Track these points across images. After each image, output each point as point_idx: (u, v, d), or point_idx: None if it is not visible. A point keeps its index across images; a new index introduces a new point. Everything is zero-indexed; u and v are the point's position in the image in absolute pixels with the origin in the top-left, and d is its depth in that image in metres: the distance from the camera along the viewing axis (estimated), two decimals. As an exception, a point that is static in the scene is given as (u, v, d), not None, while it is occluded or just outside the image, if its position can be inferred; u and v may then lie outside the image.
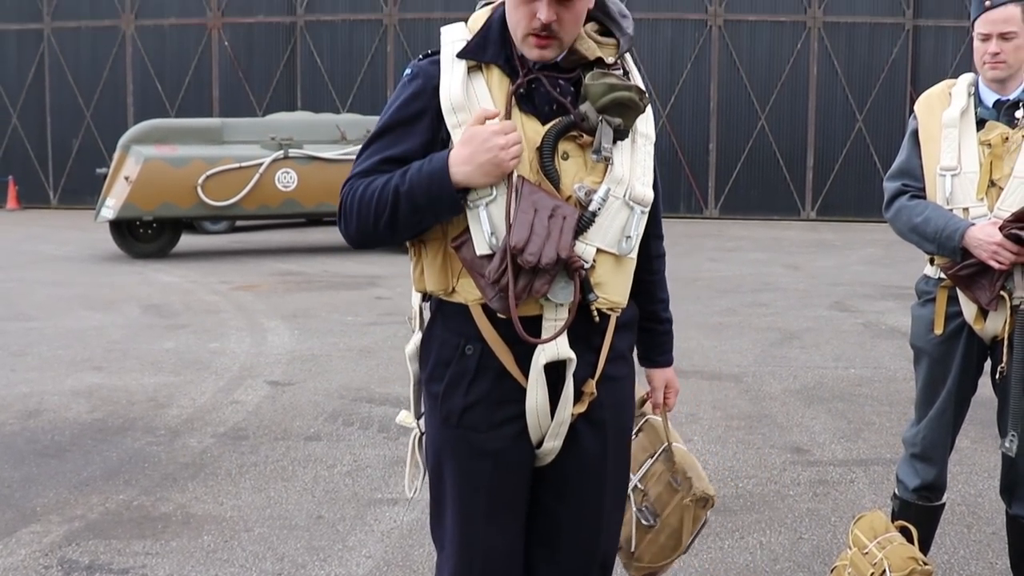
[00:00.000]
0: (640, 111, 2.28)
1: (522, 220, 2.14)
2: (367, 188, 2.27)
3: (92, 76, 24.78)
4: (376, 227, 2.27)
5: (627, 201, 2.30)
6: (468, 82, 2.27)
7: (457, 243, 2.26)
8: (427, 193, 2.19)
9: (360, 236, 2.33)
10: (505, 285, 2.16)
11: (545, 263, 2.13)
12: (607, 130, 2.22)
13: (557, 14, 2.18)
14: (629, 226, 2.31)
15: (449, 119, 2.26)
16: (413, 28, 23.40)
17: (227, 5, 24.40)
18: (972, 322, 3.39)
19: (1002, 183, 3.32)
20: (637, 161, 2.34)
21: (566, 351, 2.28)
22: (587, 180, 2.26)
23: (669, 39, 23.19)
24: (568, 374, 2.31)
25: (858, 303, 10.68)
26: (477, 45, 2.29)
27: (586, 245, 2.25)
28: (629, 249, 2.33)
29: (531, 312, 2.25)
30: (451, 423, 2.36)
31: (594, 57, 2.31)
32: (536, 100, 2.28)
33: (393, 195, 2.22)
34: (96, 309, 10.21)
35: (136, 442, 5.77)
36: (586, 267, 2.24)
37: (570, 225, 2.17)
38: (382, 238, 2.30)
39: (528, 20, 2.20)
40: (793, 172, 23.12)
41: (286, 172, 14.79)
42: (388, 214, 2.24)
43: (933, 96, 3.53)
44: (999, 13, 3.36)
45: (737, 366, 7.67)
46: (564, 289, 2.21)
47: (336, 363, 7.74)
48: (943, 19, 22.61)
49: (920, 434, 3.58)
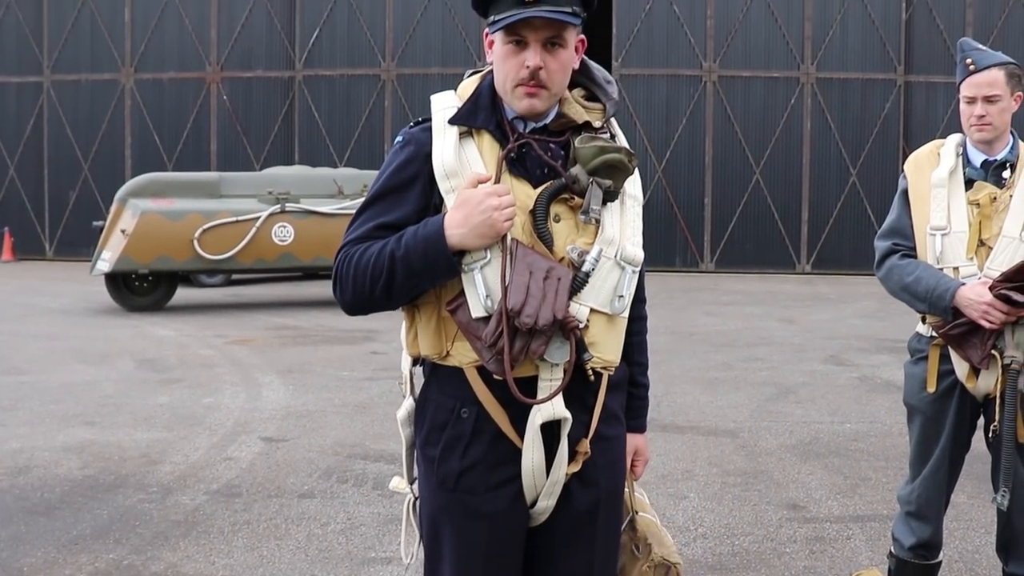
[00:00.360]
0: (629, 172, 2.33)
1: (518, 282, 2.17)
2: (362, 255, 2.28)
3: (90, 129, 24.94)
4: (372, 293, 2.28)
5: (618, 261, 2.33)
6: (460, 148, 2.31)
7: (453, 306, 2.28)
8: (423, 257, 2.22)
9: (356, 303, 2.34)
10: (502, 347, 2.18)
11: (542, 324, 2.16)
12: (597, 192, 2.26)
13: (544, 61, 2.25)
14: (621, 286, 2.34)
15: (442, 184, 2.29)
16: (411, 83, 23.60)
17: (226, 59, 24.61)
18: (964, 380, 3.41)
19: (991, 242, 3.37)
20: (627, 222, 2.38)
21: (562, 411, 2.30)
22: (579, 241, 2.30)
23: (664, 95, 23.40)
24: (563, 434, 2.32)
25: (853, 357, 10.68)
26: (468, 111, 2.34)
27: (580, 305, 2.28)
28: (622, 308, 2.36)
29: (527, 373, 2.27)
30: (448, 486, 2.36)
31: (582, 121, 2.37)
32: (527, 164, 2.32)
33: (389, 260, 2.24)
34: (90, 363, 10.18)
35: (127, 499, 5.72)
36: (581, 327, 2.27)
37: (565, 286, 2.20)
38: (378, 304, 2.31)
39: (517, 70, 2.26)
40: (788, 226, 23.23)
41: (283, 226, 14.83)
42: (384, 280, 2.25)
43: (922, 156, 3.58)
44: (983, 77, 3.42)
45: (733, 421, 7.65)
46: (560, 349, 2.24)
47: (331, 419, 7.71)
48: (933, 75, 22.86)
49: (915, 492, 3.58)
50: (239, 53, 24.60)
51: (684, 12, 23.35)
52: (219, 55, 24.63)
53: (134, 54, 24.84)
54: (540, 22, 2.23)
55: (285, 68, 24.49)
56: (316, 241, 14.75)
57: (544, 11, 2.21)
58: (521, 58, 2.25)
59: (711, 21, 23.34)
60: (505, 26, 2.23)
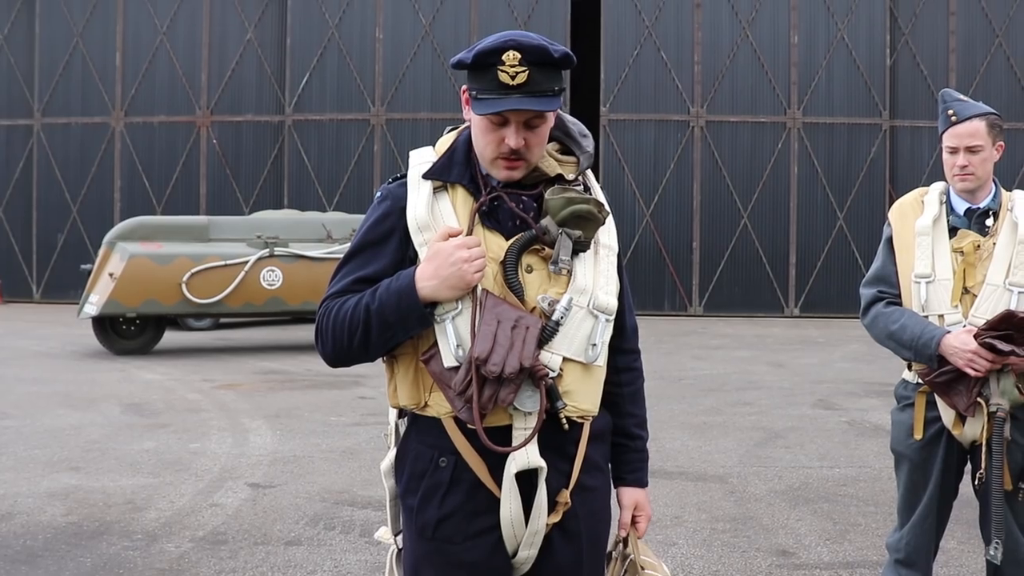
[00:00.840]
0: (599, 223, 2.35)
1: (485, 332, 2.20)
2: (340, 309, 2.33)
3: (80, 172, 24.97)
4: (350, 346, 2.33)
5: (591, 310, 2.35)
6: (434, 201, 2.35)
7: (426, 356, 2.30)
8: (396, 310, 2.26)
9: (336, 355, 2.39)
10: (471, 396, 2.20)
11: (508, 373, 2.17)
12: (566, 242, 2.29)
13: (526, 139, 2.28)
14: (594, 334, 2.36)
15: (416, 238, 2.33)
16: (400, 128, 23.72)
17: (216, 103, 24.71)
18: (951, 427, 3.41)
19: (976, 290, 3.38)
20: (600, 271, 2.39)
21: (536, 459, 2.30)
22: (551, 291, 2.32)
23: (652, 140, 23.56)
24: (540, 482, 2.32)
25: (842, 401, 10.68)
26: (442, 166, 2.38)
27: (552, 354, 2.30)
28: (595, 356, 2.37)
29: (501, 422, 2.28)
30: (426, 536, 2.36)
31: (554, 174, 2.39)
32: (500, 216, 2.35)
33: (364, 314, 2.29)
34: (75, 407, 10.11)
35: (112, 547, 5.66)
36: (552, 375, 2.28)
37: (533, 335, 2.22)
38: (357, 356, 2.37)
39: (496, 145, 2.29)
40: (776, 269, 23.32)
41: (271, 270, 14.83)
42: (360, 333, 2.30)
43: (906, 204, 3.61)
44: (965, 128, 3.45)
45: (722, 467, 7.63)
46: (531, 398, 2.25)
47: (318, 464, 7.66)
48: (918, 120, 23.09)
49: (903, 539, 3.57)
50: (229, 97, 24.71)
51: (671, 58, 23.57)
52: (209, 99, 24.73)
53: (124, 97, 24.93)
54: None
55: (275, 112, 24.59)
56: (304, 285, 14.75)
57: (529, 101, 2.23)
58: (501, 134, 2.28)
59: (698, 67, 23.55)
60: (483, 105, 2.26)
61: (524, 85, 2.22)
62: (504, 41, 2.22)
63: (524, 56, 2.22)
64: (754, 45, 23.48)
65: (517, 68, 2.21)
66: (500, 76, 2.22)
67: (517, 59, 2.21)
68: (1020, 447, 3.35)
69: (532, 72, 2.22)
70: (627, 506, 2.61)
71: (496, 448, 2.23)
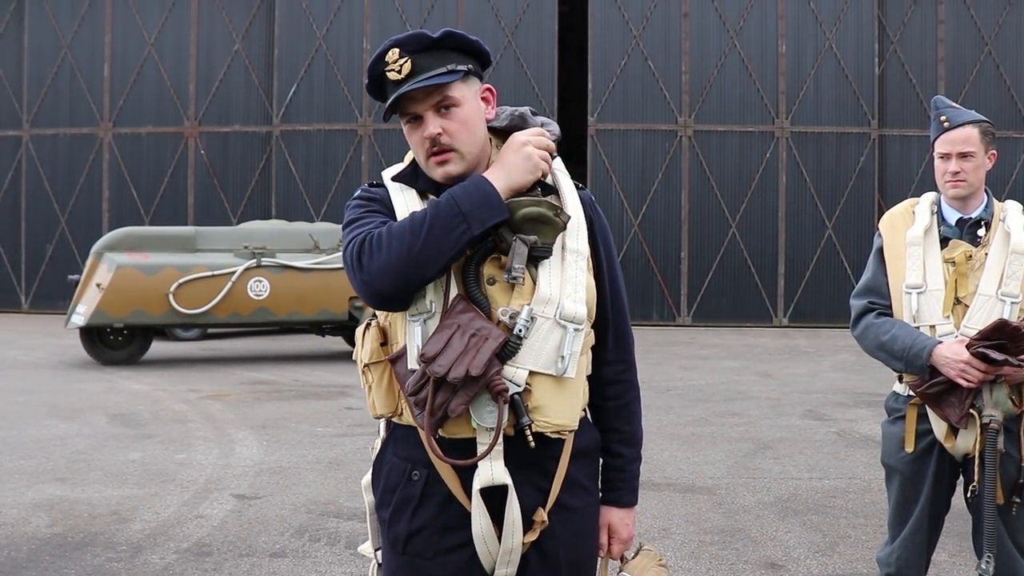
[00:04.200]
0: (558, 227, 2.24)
1: (441, 334, 2.14)
2: (392, 226, 2.19)
3: (68, 182, 24.90)
4: (412, 249, 2.13)
5: (558, 320, 2.23)
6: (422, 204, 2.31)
7: (393, 356, 2.26)
8: (469, 196, 2.17)
9: (390, 268, 2.15)
10: (423, 399, 2.15)
11: (452, 378, 2.10)
12: (521, 249, 2.19)
13: (442, 127, 2.24)
14: (564, 345, 2.24)
15: None
16: (388, 138, 23.69)
17: (204, 114, 24.66)
18: (943, 440, 3.38)
19: (967, 300, 3.35)
20: (567, 278, 2.27)
21: (501, 476, 2.22)
22: (514, 303, 2.22)
23: (640, 149, 23.58)
24: (509, 500, 2.24)
25: (831, 411, 10.67)
26: (408, 176, 2.37)
27: (516, 368, 2.20)
28: (565, 369, 2.24)
29: (465, 434, 2.22)
30: (397, 549, 2.32)
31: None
32: None
33: (432, 210, 2.16)
34: (62, 418, 10.04)
35: (96, 558, 5.61)
36: (513, 391, 2.18)
37: (490, 347, 2.13)
38: (419, 267, 2.14)
39: (422, 144, 2.27)
40: (764, 279, 23.34)
41: (258, 281, 14.78)
42: (427, 229, 2.13)
43: (896, 214, 3.57)
44: (958, 134, 3.42)
45: (710, 478, 7.59)
46: (491, 413, 2.18)
47: (304, 475, 7.61)
48: (907, 129, 23.14)
49: (894, 554, 3.53)
50: (217, 108, 24.66)
51: (659, 67, 23.59)
52: (197, 110, 24.67)
53: (112, 108, 24.86)
54: (420, 93, 2.23)
55: (263, 123, 24.55)
56: (292, 296, 14.72)
57: (415, 83, 2.22)
58: (420, 131, 2.27)
59: (686, 76, 23.58)
60: (389, 109, 2.25)
61: (411, 74, 2.22)
62: (383, 45, 2.26)
63: (403, 48, 2.23)
64: (742, 54, 23.52)
65: (399, 61, 2.23)
66: (390, 76, 2.24)
67: (397, 53, 2.23)
68: (1013, 460, 3.31)
69: (416, 60, 2.22)
70: (601, 527, 2.49)
71: (445, 458, 2.18)
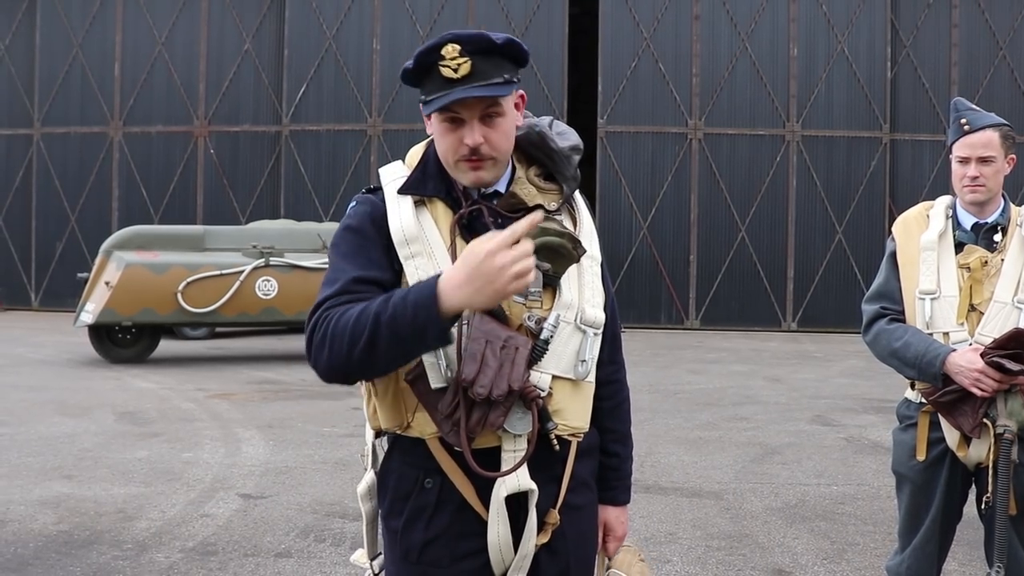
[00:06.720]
0: (573, 260, 2.23)
1: (472, 352, 2.08)
2: (341, 316, 2.09)
3: (78, 181, 24.97)
4: (349, 358, 2.07)
5: (579, 325, 2.26)
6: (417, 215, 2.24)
7: (411, 376, 2.18)
8: (412, 323, 1.99)
9: (331, 367, 2.11)
10: (459, 419, 2.10)
11: (496, 395, 2.07)
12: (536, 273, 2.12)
13: (484, 136, 2.17)
14: (583, 350, 2.27)
15: (402, 251, 2.21)
16: (396, 138, 23.70)
17: (213, 113, 24.69)
18: (955, 449, 3.33)
19: (982, 307, 3.29)
20: (585, 284, 2.30)
21: (527, 483, 2.21)
22: (535, 309, 2.22)
23: (650, 152, 23.54)
24: (531, 506, 2.23)
25: (840, 417, 10.62)
26: (417, 180, 2.28)
27: (541, 373, 2.20)
28: (585, 373, 2.28)
29: (490, 444, 2.18)
30: (411, 560, 2.28)
31: (533, 204, 2.27)
32: (479, 230, 2.21)
33: (373, 323, 2.02)
34: (70, 415, 10.05)
35: (102, 556, 5.60)
36: (543, 396, 2.18)
37: (523, 356, 2.11)
38: (356, 371, 2.10)
39: (457, 147, 2.19)
40: (773, 283, 23.28)
41: (267, 280, 14.79)
42: (365, 344, 2.03)
43: (910, 218, 3.52)
44: (978, 138, 3.36)
45: (718, 483, 7.55)
46: (521, 420, 2.15)
47: (310, 475, 7.60)
48: (919, 133, 23.06)
49: (904, 563, 3.49)
50: (227, 107, 24.70)
51: (669, 70, 23.56)
52: (207, 109, 24.71)
53: (123, 107, 24.93)
54: (473, 99, 2.15)
55: (272, 123, 24.57)
56: (300, 295, 14.71)
57: (475, 89, 2.13)
58: (459, 135, 2.18)
59: (696, 79, 23.54)
60: (432, 106, 2.17)
61: (469, 76, 2.12)
62: (442, 37, 2.15)
63: (464, 47, 2.13)
64: (753, 57, 23.47)
65: (458, 60, 2.12)
66: (443, 72, 2.13)
67: (457, 51, 2.12)
68: (1027, 470, 3.26)
69: (475, 62, 2.13)
70: (599, 524, 2.52)
71: (485, 473, 2.13)
